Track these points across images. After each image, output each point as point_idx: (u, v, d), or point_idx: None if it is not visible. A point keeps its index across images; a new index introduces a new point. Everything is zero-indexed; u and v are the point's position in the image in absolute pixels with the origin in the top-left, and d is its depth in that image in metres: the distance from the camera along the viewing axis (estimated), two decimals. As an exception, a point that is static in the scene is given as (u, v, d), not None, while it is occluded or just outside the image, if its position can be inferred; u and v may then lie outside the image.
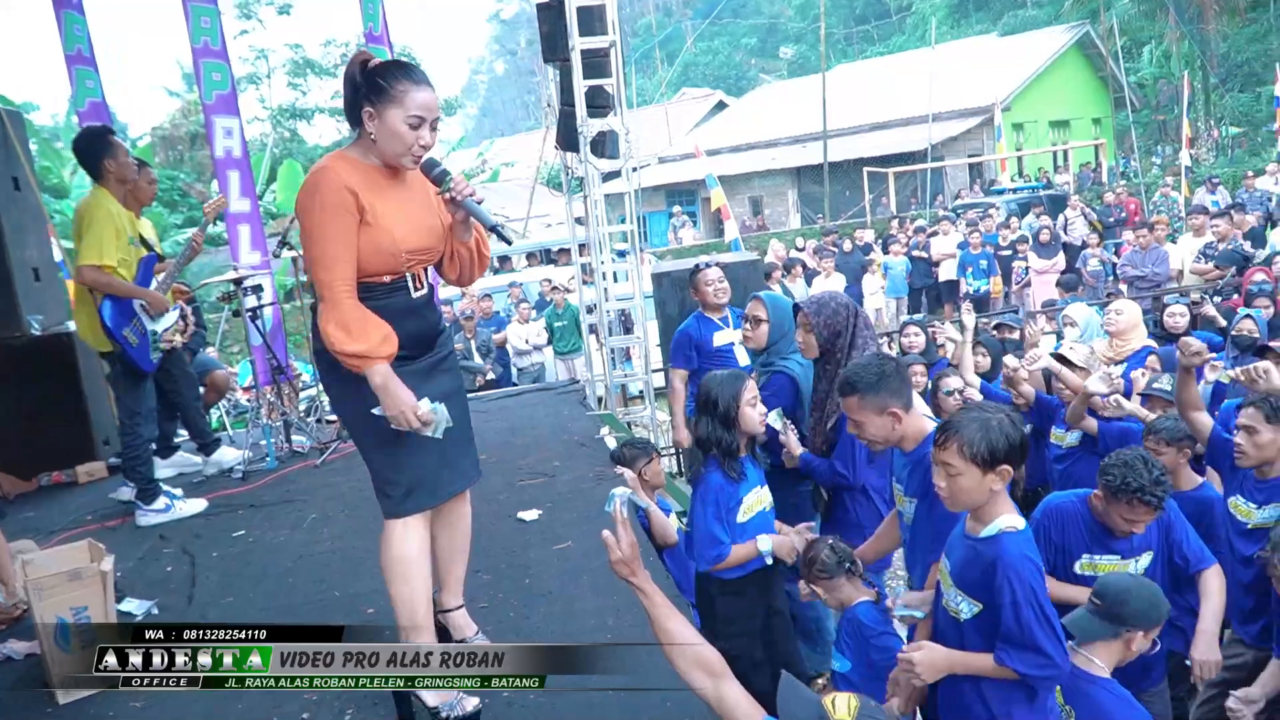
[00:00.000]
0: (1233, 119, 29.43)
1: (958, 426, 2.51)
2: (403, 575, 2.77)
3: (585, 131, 7.64)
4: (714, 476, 3.54)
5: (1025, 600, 2.41)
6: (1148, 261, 10.95)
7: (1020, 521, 2.55)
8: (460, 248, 2.92)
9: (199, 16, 6.94)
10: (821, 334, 3.77)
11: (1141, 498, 3.13)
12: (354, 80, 2.67)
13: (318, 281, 2.62)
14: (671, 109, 37.00)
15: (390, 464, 2.77)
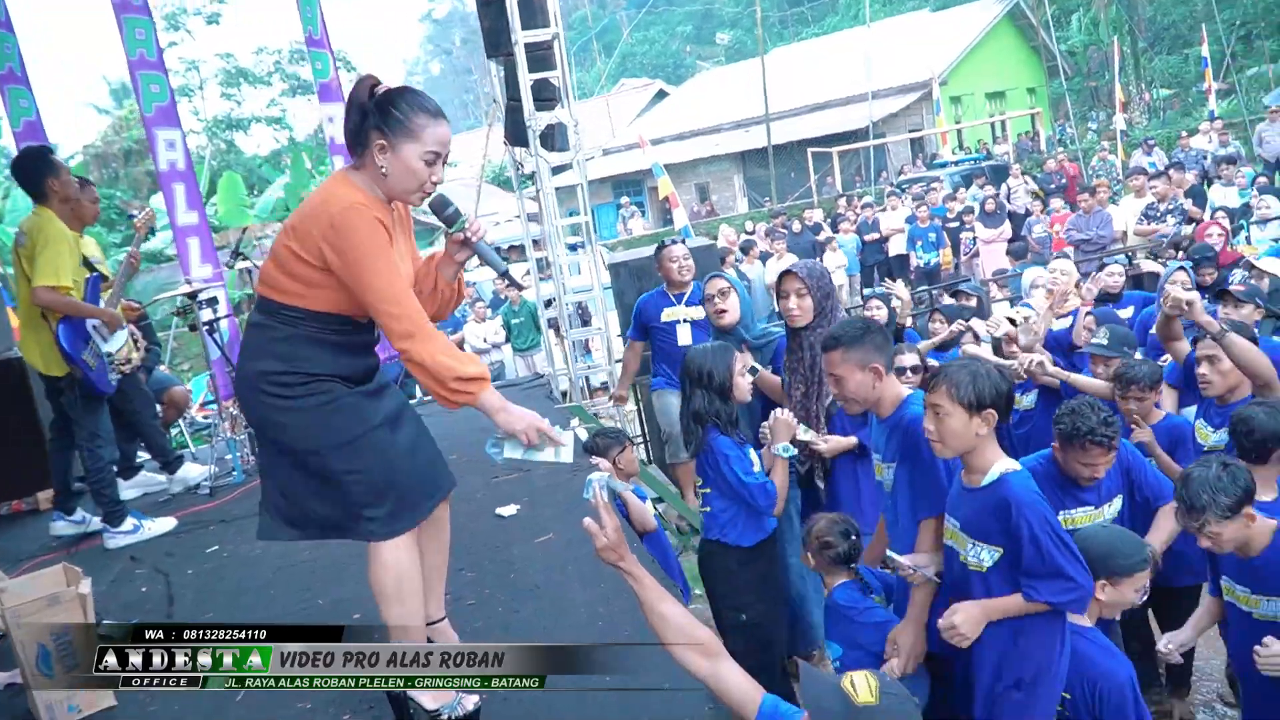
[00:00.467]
0: (1163, 81, 30.05)
1: (949, 372, 2.61)
2: (397, 595, 2.66)
3: (534, 125, 7.61)
4: (722, 440, 3.55)
5: (1042, 531, 2.49)
6: (1092, 225, 11.14)
7: (1016, 463, 2.64)
8: (444, 286, 2.82)
9: (133, 28, 6.81)
10: (816, 296, 3.81)
11: (1093, 439, 3.23)
12: (362, 107, 2.53)
13: (392, 319, 2.46)
14: (612, 100, 36.93)
15: (368, 490, 2.61)
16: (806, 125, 28.23)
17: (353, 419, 2.60)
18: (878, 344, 3.03)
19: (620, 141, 31.66)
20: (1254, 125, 17.61)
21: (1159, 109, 28.98)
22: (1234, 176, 11.86)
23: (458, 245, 2.75)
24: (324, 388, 2.56)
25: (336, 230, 2.43)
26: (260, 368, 2.56)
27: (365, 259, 2.44)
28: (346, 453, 2.58)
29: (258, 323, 2.61)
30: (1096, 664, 2.77)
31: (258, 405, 2.59)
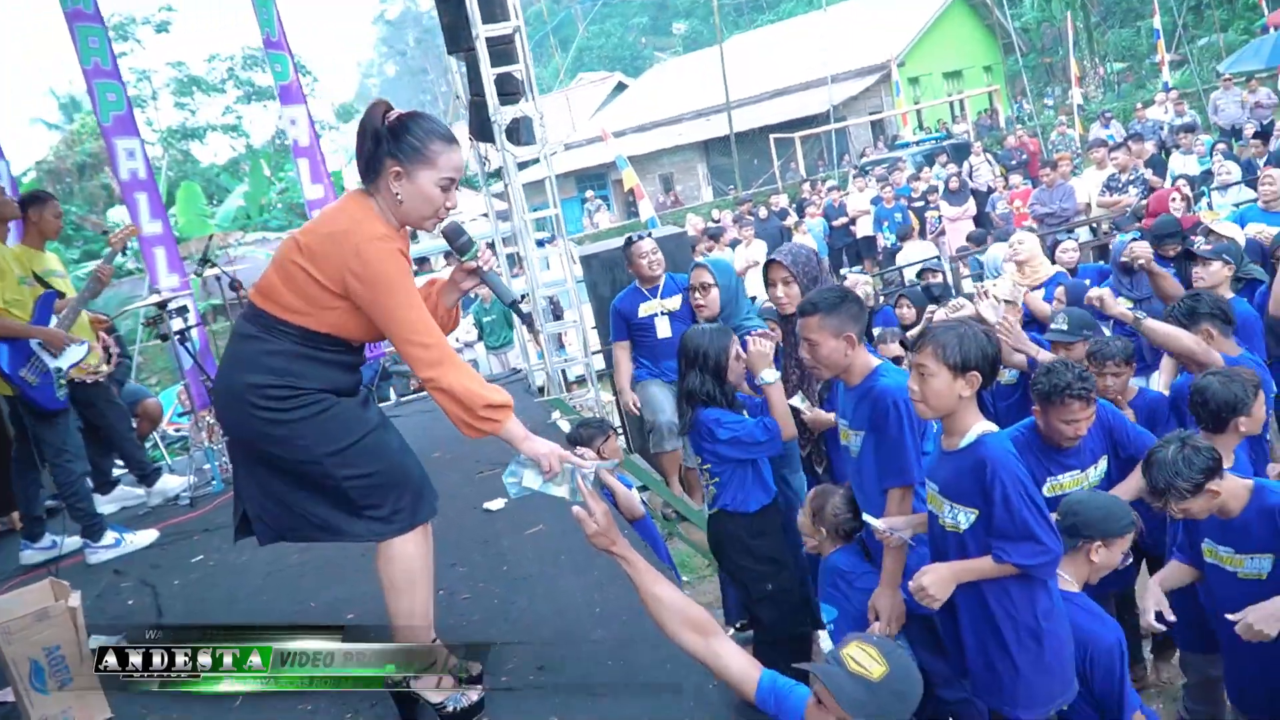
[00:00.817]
0: (1116, 55, 30.39)
1: (935, 333, 2.62)
2: (408, 588, 2.67)
3: (499, 120, 7.58)
4: (706, 411, 3.55)
5: (1015, 492, 2.51)
6: (1055, 198, 11.26)
7: (994, 426, 2.66)
8: (445, 313, 2.81)
9: (86, 37, 6.69)
10: (803, 282, 3.81)
11: (1071, 393, 3.28)
12: (376, 133, 2.50)
13: (420, 349, 2.47)
14: (571, 94, 36.84)
15: (372, 491, 2.61)
16: (767, 112, 28.31)
17: (348, 425, 2.60)
18: (853, 313, 3.05)
19: (581, 135, 31.60)
20: (1208, 94, 17.88)
21: (1113, 82, 29.33)
22: (1193, 145, 12.03)
23: (466, 274, 2.76)
24: (315, 398, 2.55)
25: (364, 261, 2.42)
26: (250, 380, 2.52)
27: (394, 293, 2.44)
28: (346, 458, 2.57)
29: (249, 334, 2.57)
30: (1085, 628, 2.79)
31: (247, 419, 2.55)
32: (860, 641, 2.18)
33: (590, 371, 8.44)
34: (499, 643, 3.13)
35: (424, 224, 2.58)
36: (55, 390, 4.78)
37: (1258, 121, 13.91)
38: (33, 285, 4.93)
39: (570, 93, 37.59)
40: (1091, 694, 2.76)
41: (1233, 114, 14.99)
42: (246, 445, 2.66)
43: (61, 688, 3.09)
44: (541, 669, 2.92)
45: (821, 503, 3.32)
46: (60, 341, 4.81)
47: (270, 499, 2.67)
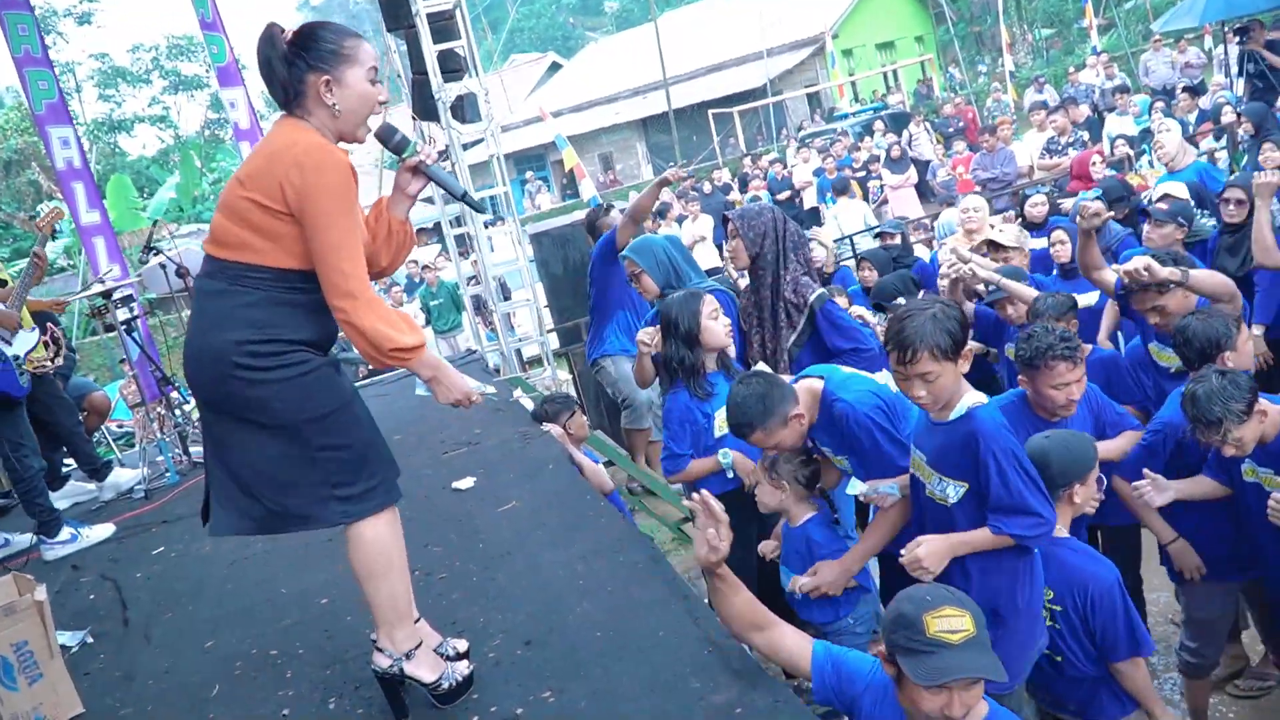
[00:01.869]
0: (1044, 21, 30.82)
1: (916, 334, 2.49)
2: (383, 570, 2.55)
3: (443, 97, 7.47)
4: (680, 396, 3.57)
5: (1009, 465, 2.47)
6: (996, 163, 11.40)
7: (983, 396, 2.61)
8: (398, 227, 2.68)
9: (15, 24, 6.48)
10: (749, 238, 3.82)
11: (1054, 354, 3.17)
12: (283, 56, 2.37)
13: (338, 275, 2.32)
14: (506, 76, 36.35)
15: (345, 467, 2.49)
16: (704, 87, 28.30)
17: (330, 391, 2.48)
18: (778, 396, 2.99)
19: (518, 117, 31.30)
20: (1137, 57, 18.22)
21: (1043, 48, 29.75)
22: (1128, 105, 12.25)
23: (409, 175, 2.65)
24: (299, 357, 2.42)
25: (302, 169, 2.30)
26: (232, 337, 2.37)
27: (327, 200, 2.30)
28: (324, 426, 2.45)
29: (217, 290, 2.41)
30: (1082, 569, 2.80)
31: (226, 380, 2.40)
32: (932, 613, 2.09)
33: (546, 350, 8.39)
34: (482, 620, 3.11)
35: (360, 132, 2.46)
36: (18, 378, 4.67)
37: (1189, 79, 14.20)
38: None
39: (504, 74, 37.09)
40: (1090, 635, 2.78)
41: (1164, 75, 15.27)
42: (221, 412, 2.49)
43: (32, 684, 3.00)
44: (529, 644, 2.89)
45: (773, 459, 3.28)
46: (11, 323, 4.68)
47: (238, 484, 2.52)
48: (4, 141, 24.74)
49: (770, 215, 3.89)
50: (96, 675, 3.38)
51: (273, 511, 2.52)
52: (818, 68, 28.12)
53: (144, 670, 3.35)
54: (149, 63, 29.94)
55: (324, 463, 2.47)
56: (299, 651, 3.20)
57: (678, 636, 2.72)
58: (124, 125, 29.26)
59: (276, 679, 3.06)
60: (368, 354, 2.39)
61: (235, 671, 3.18)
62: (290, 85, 2.39)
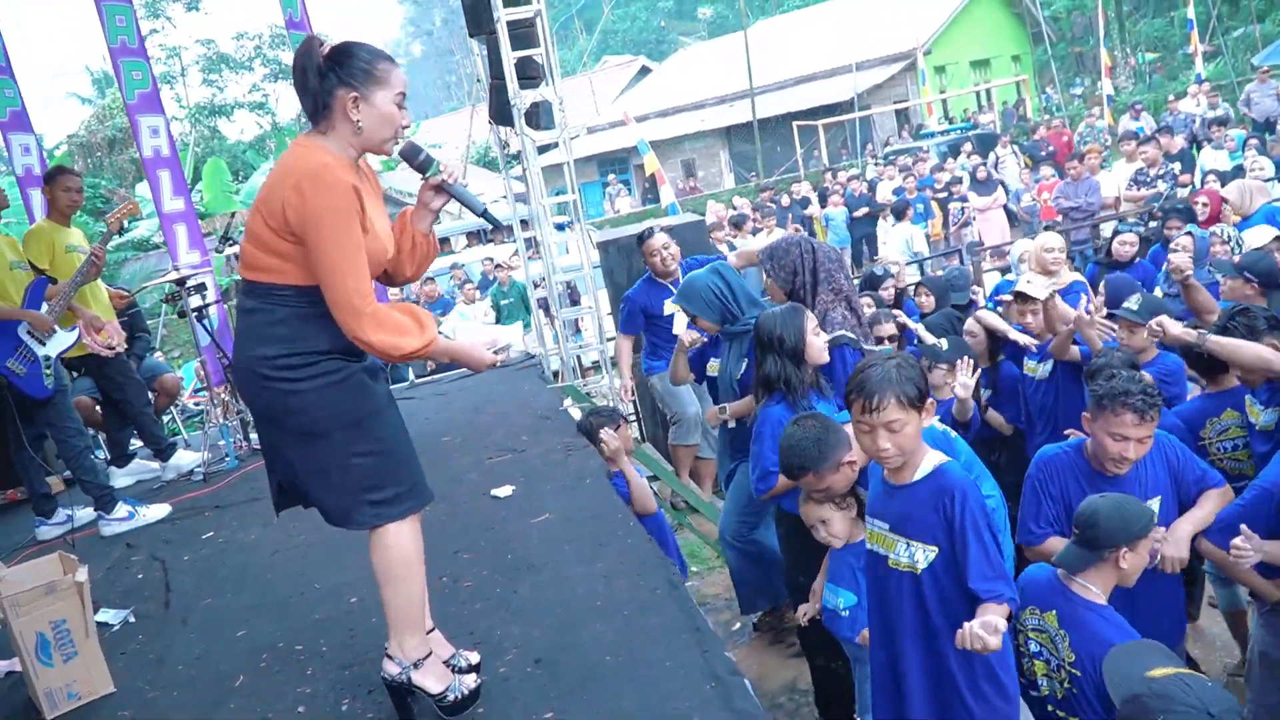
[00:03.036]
0: (1148, 45, 30.00)
1: (881, 380, 2.47)
2: (400, 576, 2.62)
3: (518, 104, 7.57)
4: (776, 410, 3.50)
5: (985, 526, 2.43)
6: (1080, 192, 11.12)
7: (943, 455, 2.56)
8: (421, 240, 2.77)
9: (113, 15, 6.73)
10: (780, 277, 3.82)
11: (1127, 402, 3.01)
12: (318, 69, 2.46)
13: (341, 294, 2.40)
14: (595, 78, 36.70)
15: (374, 473, 2.57)
16: (791, 99, 28.14)
17: (361, 397, 2.57)
18: (833, 441, 2.99)
19: (604, 119, 31.51)
20: (1241, 87, 17.63)
21: (1145, 73, 28.95)
22: (1224, 139, 11.86)
23: (432, 192, 2.73)
24: (330, 365, 2.51)
25: (300, 191, 2.37)
26: (260, 352, 2.49)
27: (327, 220, 2.38)
28: (355, 433, 2.54)
29: (249, 308, 2.55)
30: (1109, 639, 2.68)
31: (262, 392, 2.52)
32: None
33: (604, 358, 8.44)
34: (499, 633, 3.15)
35: (385, 148, 2.55)
36: (44, 379, 4.81)
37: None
38: (26, 270, 5.01)
39: (594, 76, 37.47)
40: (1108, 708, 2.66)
41: (1267, 107, 14.77)
42: (265, 419, 2.64)
43: (66, 661, 3.13)
44: (539, 662, 2.92)
45: None
46: (45, 326, 4.83)
47: (290, 482, 2.68)
48: (110, 121, 25.73)
49: (798, 250, 3.86)
50: (132, 655, 3.51)
51: (322, 505, 2.65)
52: (908, 83, 27.75)
53: (176, 654, 3.46)
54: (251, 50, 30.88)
55: (356, 468, 2.56)
56: (322, 649, 3.28)
57: (684, 668, 2.73)
58: (224, 110, 30.21)
59: (298, 675, 3.15)
60: (384, 359, 2.51)
61: (261, 663, 3.28)
62: (319, 97, 2.47)
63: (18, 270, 4.91)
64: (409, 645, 2.66)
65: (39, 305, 4.88)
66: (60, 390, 4.94)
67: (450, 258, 16.94)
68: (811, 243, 3.94)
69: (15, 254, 4.98)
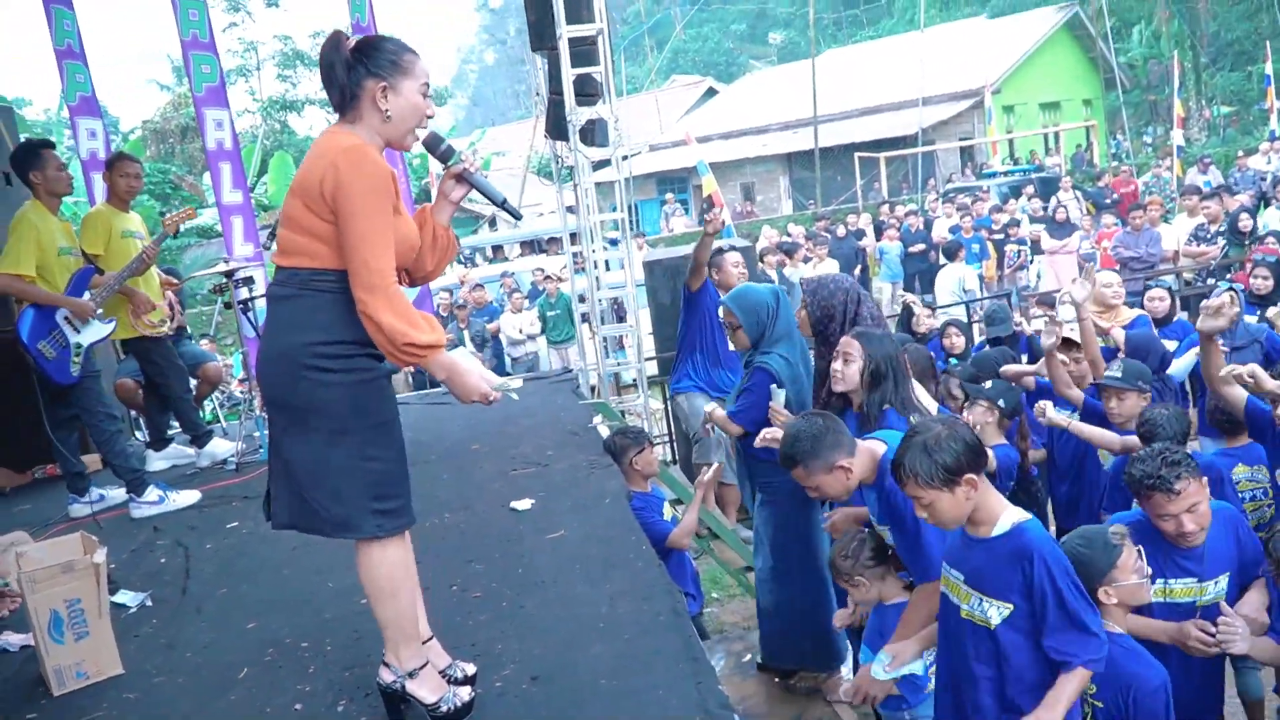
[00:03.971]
0: (1224, 98, 29.48)
1: (903, 460, 2.50)
2: (390, 592, 2.63)
3: (574, 120, 7.62)
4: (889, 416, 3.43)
5: (1065, 585, 2.39)
6: (1140, 243, 10.92)
7: (1025, 513, 2.53)
8: (442, 233, 2.82)
9: (187, 9, 6.91)
10: (814, 313, 3.78)
11: (1150, 485, 2.94)
12: (345, 62, 2.50)
13: (363, 267, 2.40)
14: (662, 96, 36.92)
15: (384, 479, 2.59)
16: (855, 129, 28.04)
17: (385, 401, 2.61)
18: (831, 443, 2.97)
19: (668, 138, 31.64)
20: (1315, 147, 17.21)
21: (1218, 126, 28.44)
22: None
23: (454, 182, 2.78)
24: (364, 363, 2.53)
25: (337, 166, 2.42)
26: (302, 339, 2.49)
27: (360, 191, 2.41)
28: (375, 435, 2.56)
29: (286, 296, 2.53)
30: (1129, 668, 2.67)
31: (301, 382, 2.50)
32: None
33: (642, 377, 8.44)
34: (499, 646, 3.17)
35: (408, 139, 2.59)
36: (70, 367, 4.92)
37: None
38: (76, 256, 5.13)
39: (661, 94, 37.67)
40: None
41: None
42: (285, 413, 2.59)
43: (78, 640, 3.19)
44: (535, 679, 2.92)
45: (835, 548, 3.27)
46: (86, 313, 4.94)
47: (293, 486, 2.62)
48: (185, 108, 26.35)
49: (843, 295, 3.79)
50: (144, 639, 3.57)
51: (320, 516, 2.61)
52: (974, 121, 27.52)
53: (186, 641, 3.52)
54: (327, 49, 31.39)
55: (368, 473, 2.57)
56: (327, 648, 3.32)
57: (677, 698, 2.71)
58: (295, 106, 30.77)
59: (299, 672, 3.18)
60: (384, 348, 2.46)
61: (266, 657, 3.32)
62: (348, 89, 2.52)
63: (66, 256, 5.03)
64: (404, 655, 2.68)
65: (82, 292, 5.00)
66: (90, 376, 5.04)
67: (502, 265, 17.10)
68: (860, 293, 3.84)
69: (68, 240, 5.09)
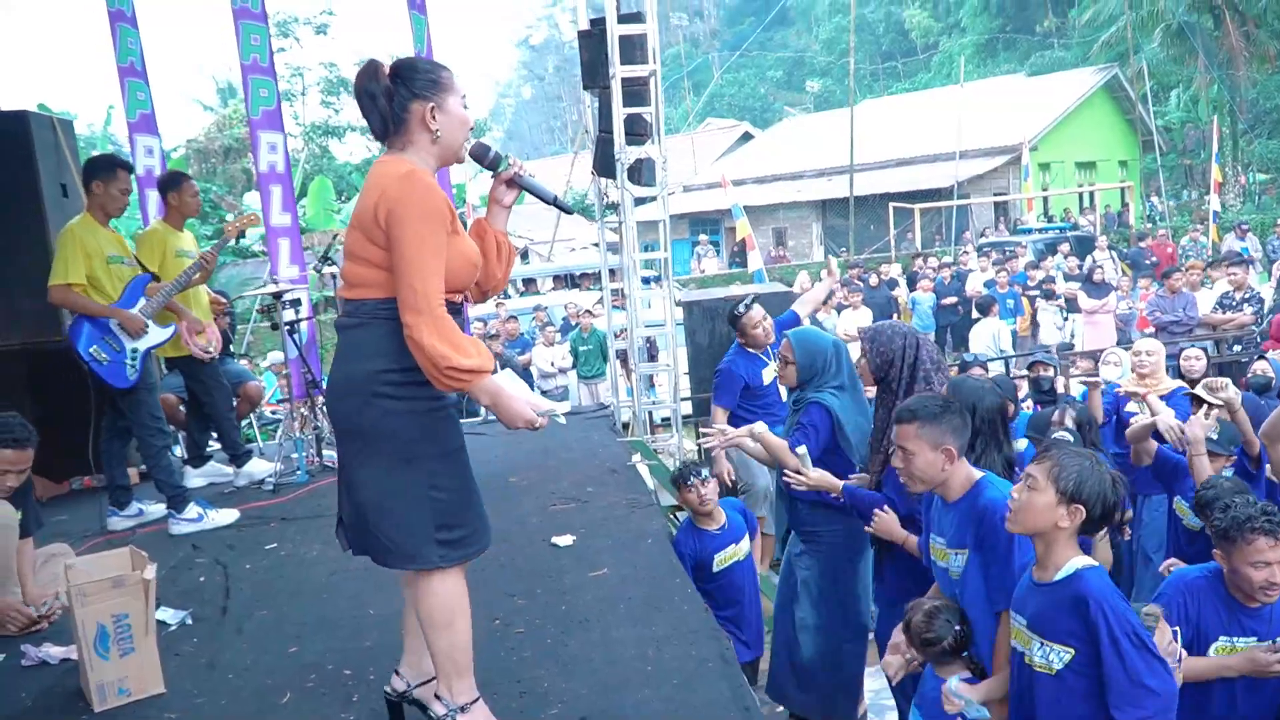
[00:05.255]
0: (1260, 165, 29.33)
1: (1062, 456, 2.49)
2: (446, 623, 2.61)
3: (623, 158, 7.67)
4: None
5: (1123, 633, 2.35)
6: (1176, 306, 10.83)
7: (1093, 561, 2.50)
8: (502, 240, 2.83)
9: (249, 34, 7.02)
10: (874, 361, 3.75)
11: (1253, 527, 2.87)
12: (385, 89, 2.52)
13: (409, 290, 2.41)
14: (697, 138, 37.12)
15: (448, 510, 2.58)
16: (890, 179, 28.08)
17: (453, 431, 2.61)
18: (954, 426, 2.93)
19: (702, 180, 31.78)
20: (1356, 219, 17.10)
21: (1255, 193, 28.29)
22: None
23: (504, 187, 2.80)
24: (430, 391, 2.51)
25: (388, 191, 2.45)
26: (372, 367, 2.51)
27: (412, 218, 2.42)
28: (442, 465, 2.56)
29: (353, 325, 2.56)
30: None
31: (369, 409, 2.51)
32: None
33: (676, 416, 8.41)
34: (546, 685, 3.13)
35: (459, 153, 2.62)
36: (126, 370, 4.93)
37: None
38: (130, 265, 5.17)
39: (697, 136, 37.88)
40: None
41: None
42: (353, 441, 2.60)
43: (123, 656, 3.18)
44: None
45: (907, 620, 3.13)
46: (136, 327, 4.96)
47: (360, 515, 2.62)
48: (228, 130, 26.73)
49: (901, 342, 3.73)
50: (185, 657, 3.56)
51: (383, 544, 2.61)
52: (1010, 176, 27.50)
53: (228, 662, 3.51)
54: (371, 77, 31.83)
55: (434, 502, 2.57)
56: (370, 676, 3.30)
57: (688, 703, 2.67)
58: (337, 131, 31.16)
59: (343, 700, 3.16)
60: (428, 372, 2.45)
61: (308, 683, 3.30)
62: (390, 115, 2.54)
63: (116, 265, 5.05)
64: (457, 689, 2.66)
65: (136, 300, 5.04)
66: (145, 386, 5.05)
67: (534, 298, 17.16)
68: (918, 337, 3.79)
69: (117, 249, 5.12)
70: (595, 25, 7.75)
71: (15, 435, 3.83)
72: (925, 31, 48.59)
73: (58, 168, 6.24)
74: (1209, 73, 28.45)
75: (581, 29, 8.03)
